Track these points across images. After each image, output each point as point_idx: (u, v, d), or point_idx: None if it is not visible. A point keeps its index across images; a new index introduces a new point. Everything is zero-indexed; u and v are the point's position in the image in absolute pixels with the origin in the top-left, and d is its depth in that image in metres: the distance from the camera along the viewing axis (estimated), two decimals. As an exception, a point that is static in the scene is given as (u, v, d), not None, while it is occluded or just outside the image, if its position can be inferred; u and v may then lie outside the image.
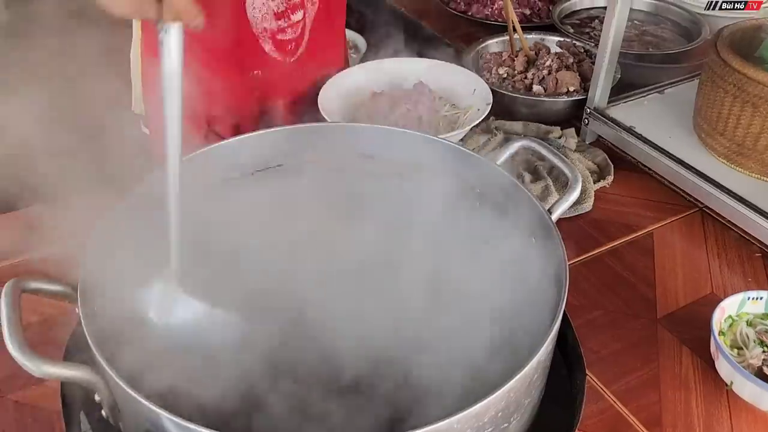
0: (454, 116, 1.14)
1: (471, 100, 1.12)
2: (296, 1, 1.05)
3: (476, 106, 1.10)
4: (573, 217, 0.98)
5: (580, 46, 1.29)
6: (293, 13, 1.06)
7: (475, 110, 1.10)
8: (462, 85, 1.15)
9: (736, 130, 0.94)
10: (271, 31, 1.05)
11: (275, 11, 1.04)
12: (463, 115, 1.13)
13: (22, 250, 0.90)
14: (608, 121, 1.08)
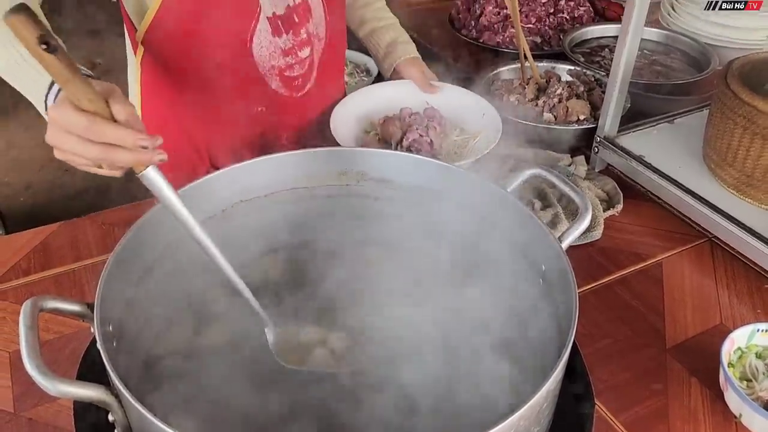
0: (464, 141, 1.15)
1: (480, 125, 1.13)
2: (304, 38, 1.05)
3: (486, 131, 1.11)
4: (582, 245, 0.99)
5: (590, 74, 1.30)
6: (300, 49, 1.06)
7: (485, 137, 1.11)
8: (471, 109, 1.16)
9: (746, 161, 0.95)
10: (279, 68, 1.05)
11: (283, 48, 1.04)
12: (473, 140, 1.14)
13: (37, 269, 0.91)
14: (618, 149, 1.09)
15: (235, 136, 1.11)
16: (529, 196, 1.04)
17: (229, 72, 1.02)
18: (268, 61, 1.04)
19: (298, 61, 1.07)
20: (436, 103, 1.18)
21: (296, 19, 1.04)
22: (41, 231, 0.97)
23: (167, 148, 1.16)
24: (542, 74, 1.32)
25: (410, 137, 1.11)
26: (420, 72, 1.22)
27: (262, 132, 1.12)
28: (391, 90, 1.23)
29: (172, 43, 0.99)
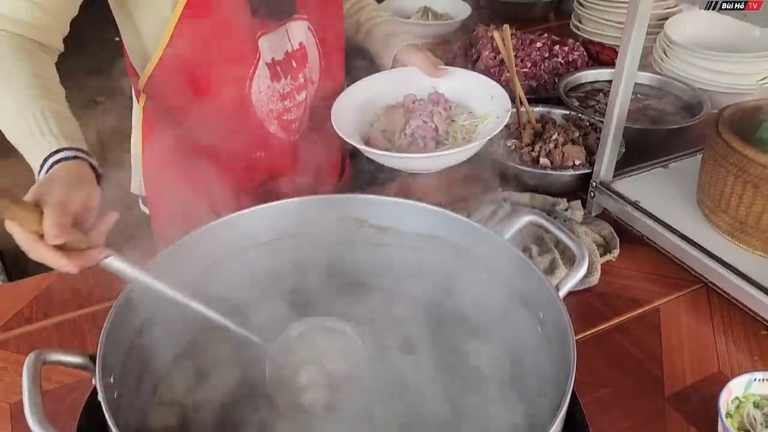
0: (472, 125, 1.12)
1: (488, 107, 1.09)
2: (301, 82, 1.08)
3: (495, 113, 1.06)
4: (580, 290, 0.99)
5: (585, 119, 1.33)
6: (298, 93, 1.09)
7: (494, 117, 1.06)
8: (478, 91, 1.12)
9: (739, 208, 0.96)
10: (277, 111, 1.07)
11: (281, 93, 1.07)
12: (482, 124, 1.10)
13: (39, 317, 0.92)
14: (614, 195, 1.11)
15: (234, 181, 1.11)
16: (526, 241, 1.06)
17: (228, 118, 1.04)
18: (266, 105, 1.06)
19: (296, 105, 1.10)
20: (442, 87, 1.14)
21: (294, 64, 1.07)
22: (44, 278, 0.98)
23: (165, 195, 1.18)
24: (538, 118, 1.35)
25: (414, 124, 1.08)
26: (423, 56, 1.17)
27: (260, 177, 1.14)
28: (394, 77, 1.17)
29: (173, 91, 1.02)
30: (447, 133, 1.07)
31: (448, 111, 1.09)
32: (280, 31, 1.03)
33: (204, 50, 0.97)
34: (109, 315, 0.68)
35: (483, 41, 1.68)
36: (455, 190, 1.16)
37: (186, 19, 0.93)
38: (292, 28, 1.04)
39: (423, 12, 2.01)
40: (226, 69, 1.00)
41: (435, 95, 1.12)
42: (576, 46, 1.71)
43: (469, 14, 1.97)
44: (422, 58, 1.17)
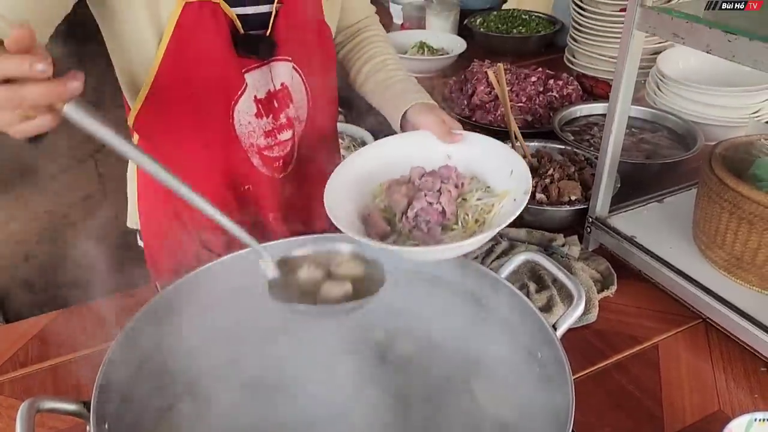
0: (487, 205, 0.91)
1: (507, 183, 0.90)
2: (283, 122, 1.08)
3: (513, 193, 0.88)
4: (578, 327, 0.99)
5: (580, 154, 1.34)
6: (280, 132, 1.09)
7: (512, 200, 0.87)
8: (497, 162, 0.92)
9: (734, 244, 0.97)
10: (258, 146, 1.08)
11: (264, 130, 1.07)
12: (498, 204, 0.90)
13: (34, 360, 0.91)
14: (610, 230, 1.11)
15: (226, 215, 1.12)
16: (524, 278, 1.06)
17: (215, 149, 1.05)
18: (248, 138, 1.07)
19: (278, 143, 1.10)
20: (455, 156, 0.96)
21: (276, 104, 1.07)
22: (39, 320, 0.97)
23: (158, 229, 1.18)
24: (534, 153, 1.36)
25: (417, 206, 0.90)
26: (436, 117, 0.99)
27: (249, 212, 1.13)
28: (402, 142, 0.99)
29: (161, 124, 1.03)
30: (456, 215, 0.90)
31: (460, 189, 0.91)
32: (264, 69, 1.04)
33: (189, 83, 0.99)
34: (103, 361, 0.67)
35: (478, 76, 1.70)
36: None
37: (171, 53, 0.94)
38: (275, 68, 1.04)
39: (419, 47, 2.03)
40: (211, 99, 1.01)
41: (446, 169, 0.93)
42: (570, 80, 1.73)
43: (465, 49, 2.00)
44: (435, 120, 0.99)
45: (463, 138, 0.96)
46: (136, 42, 0.96)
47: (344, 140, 1.98)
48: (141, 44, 0.96)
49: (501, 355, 0.84)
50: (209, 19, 0.94)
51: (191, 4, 0.92)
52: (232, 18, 0.97)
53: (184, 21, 0.92)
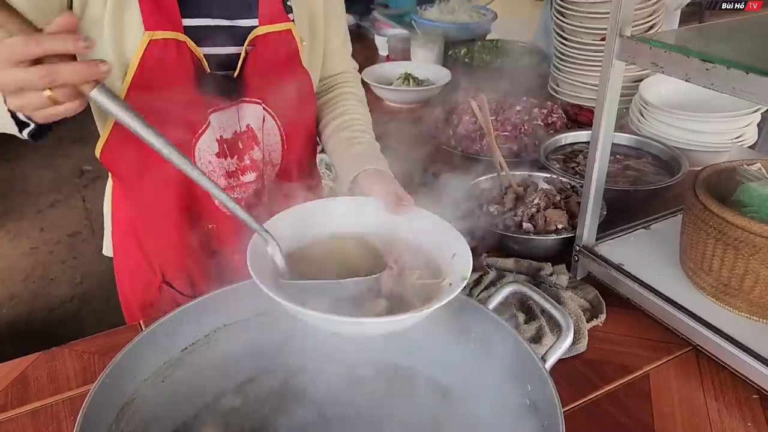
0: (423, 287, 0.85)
1: (448, 267, 0.84)
2: (247, 164, 1.07)
3: (449, 278, 0.82)
4: (568, 358, 0.98)
5: (566, 182, 1.34)
6: (243, 174, 1.08)
7: (447, 284, 0.82)
8: (442, 241, 0.87)
9: (721, 270, 0.96)
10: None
11: (226, 170, 1.06)
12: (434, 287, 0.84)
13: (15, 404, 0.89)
14: (597, 258, 1.11)
15: (186, 253, 1.12)
16: (512, 308, 1.05)
17: (176, 185, 1.04)
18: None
19: (240, 185, 1.09)
20: (401, 228, 0.90)
21: (241, 145, 1.07)
22: (20, 363, 0.95)
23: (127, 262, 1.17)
24: (520, 182, 1.36)
25: None
26: (388, 187, 0.95)
27: (214, 249, 1.12)
28: (348, 207, 0.93)
29: (125, 158, 1.03)
30: (391, 293, 0.84)
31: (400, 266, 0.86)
32: (232, 110, 1.03)
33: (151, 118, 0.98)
34: (83, 405, 0.65)
35: (463, 107, 1.71)
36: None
37: (134, 88, 0.94)
38: (243, 109, 1.04)
39: (404, 78, 2.05)
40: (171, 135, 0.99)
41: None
42: (554, 108, 1.74)
43: (449, 80, 2.02)
44: (386, 190, 0.94)
45: (411, 212, 0.91)
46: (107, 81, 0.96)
47: (332, 172, 1.98)
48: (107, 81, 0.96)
49: (490, 387, 0.83)
50: (174, 56, 0.94)
51: (156, 41, 0.93)
52: (199, 57, 0.97)
53: (149, 57, 0.93)
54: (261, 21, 1.02)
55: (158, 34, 0.92)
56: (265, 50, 1.02)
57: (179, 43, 0.94)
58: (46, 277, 2.91)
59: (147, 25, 0.92)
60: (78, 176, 3.78)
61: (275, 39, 1.03)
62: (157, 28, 0.92)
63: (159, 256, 1.13)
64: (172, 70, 0.95)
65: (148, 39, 0.92)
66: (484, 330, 0.84)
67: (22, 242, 3.17)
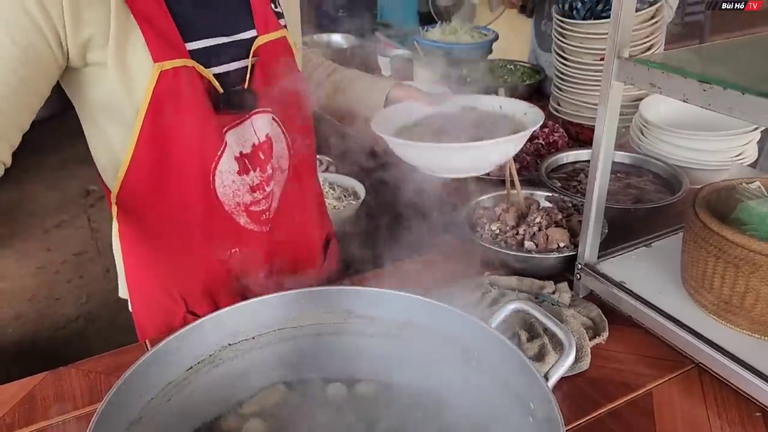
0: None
1: (525, 119, 1.16)
2: (269, 174, 1.09)
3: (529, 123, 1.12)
4: (571, 376, 0.98)
5: (567, 201, 1.35)
6: (267, 184, 1.10)
7: (522, 114, 1.15)
8: (513, 107, 1.20)
9: (722, 288, 0.97)
10: (245, 204, 1.08)
11: (250, 185, 1.07)
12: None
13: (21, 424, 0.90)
14: (599, 276, 1.12)
15: (209, 280, 1.12)
16: (514, 326, 1.05)
17: (197, 215, 1.05)
18: (232, 198, 1.06)
19: (265, 196, 1.10)
20: (480, 104, 1.22)
21: (262, 156, 1.08)
22: (27, 382, 0.96)
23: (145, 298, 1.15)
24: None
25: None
26: (417, 91, 1.22)
27: (237, 273, 1.13)
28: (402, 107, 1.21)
29: (143, 197, 1.03)
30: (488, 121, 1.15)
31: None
32: (246, 124, 1.04)
33: (168, 151, 0.98)
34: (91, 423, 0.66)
35: (465, 126, 1.73)
36: (441, 275, 1.17)
37: (150, 121, 0.94)
38: (256, 121, 1.05)
39: (407, 98, 2.07)
40: (190, 166, 1.01)
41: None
42: (556, 127, 1.76)
43: (452, 99, 2.03)
44: (417, 93, 1.21)
45: (446, 96, 1.22)
46: (112, 117, 0.97)
47: (335, 191, 2.00)
48: (118, 119, 0.96)
49: (493, 405, 0.84)
50: (185, 83, 0.94)
51: (167, 72, 0.92)
52: (209, 78, 0.98)
53: (161, 88, 0.92)
54: (259, 31, 1.04)
55: (167, 64, 0.92)
56: (268, 59, 1.04)
57: (188, 69, 0.94)
58: (51, 297, 2.93)
59: (155, 56, 0.91)
60: (84, 196, 3.81)
61: (274, 47, 1.05)
62: (165, 58, 0.92)
63: (181, 286, 1.12)
64: (186, 98, 0.95)
65: (159, 70, 0.91)
66: (486, 348, 0.85)
67: (28, 262, 3.19)
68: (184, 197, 1.03)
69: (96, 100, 0.96)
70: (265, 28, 1.05)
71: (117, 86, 0.92)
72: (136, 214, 1.06)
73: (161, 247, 1.09)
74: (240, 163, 1.04)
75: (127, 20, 0.90)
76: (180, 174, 1.00)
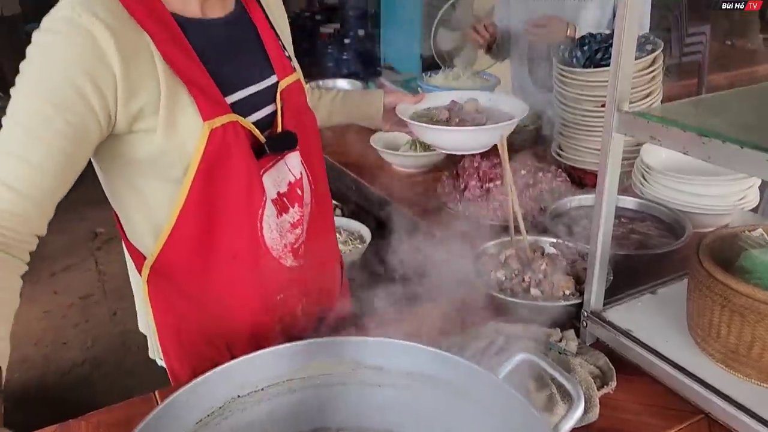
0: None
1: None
2: (307, 209, 1.15)
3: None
4: (580, 427, 0.98)
5: (572, 247, 1.37)
6: (304, 218, 1.15)
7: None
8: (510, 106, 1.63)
9: (729, 337, 0.97)
10: (290, 243, 1.12)
11: (291, 222, 1.12)
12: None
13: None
14: (605, 324, 1.12)
15: (254, 324, 1.14)
16: (522, 376, 1.05)
17: (245, 265, 1.07)
18: (280, 242, 1.11)
19: (303, 230, 1.16)
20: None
21: (299, 191, 1.13)
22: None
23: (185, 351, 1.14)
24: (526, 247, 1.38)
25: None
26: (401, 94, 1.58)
27: (280, 316, 1.16)
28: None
29: (188, 252, 1.05)
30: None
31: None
32: (279, 165, 1.08)
33: (218, 204, 1.01)
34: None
35: (469, 171, 1.76)
36: (447, 323, 1.18)
37: (200, 178, 0.97)
38: (290, 160, 1.10)
39: (411, 144, 2.11)
40: (239, 216, 1.04)
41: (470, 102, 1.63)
42: (559, 172, 1.78)
43: (455, 144, 2.07)
44: (403, 95, 1.57)
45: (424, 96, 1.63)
46: (155, 177, 1.00)
47: (341, 235, 2.02)
48: (162, 178, 0.99)
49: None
50: (232, 137, 0.99)
51: (216, 129, 0.96)
52: (250, 128, 1.02)
53: (212, 145, 0.96)
54: (279, 76, 1.11)
55: (216, 121, 0.96)
56: (290, 101, 1.12)
57: (233, 123, 0.99)
58: (58, 341, 2.93)
59: (204, 115, 0.95)
60: (92, 239, 3.84)
61: (293, 89, 1.14)
62: (213, 115, 0.96)
63: (226, 335, 1.12)
64: (233, 151, 0.99)
65: (209, 128, 0.95)
66: (494, 399, 0.85)
67: (35, 306, 3.20)
68: (234, 249, 1.05)
69: (137, 163, 0.99)
70: (284, 73, 1.12)
71: (165, 148, 0.95)
72: (177, 272, 1.07)
73: (204, 302, 1.09)
74: (278, 204, 1.09)
75: (175, 84, 0.94)
76: (229, 226, 1.03)
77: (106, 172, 1.04)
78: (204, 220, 1.01)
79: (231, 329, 1.12)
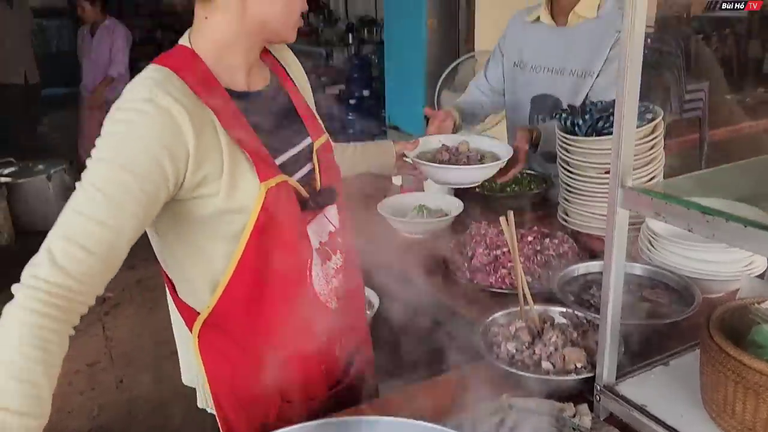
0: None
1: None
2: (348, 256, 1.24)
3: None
4: None
5: (582, 317, 1.36)
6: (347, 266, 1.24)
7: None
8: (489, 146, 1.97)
9: (744, 414, 0.96)
10: (336, 289, 1.20)
11: (335, 268, 1.20)
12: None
13: None
14: (619, 398, 1.11)
15: (303, 368, 1.19)
16: (536, 453, 1.04)
17: (297, 313, 1.14)
18: (326, 287, 1.19)
19: (345, 275, 1.25)
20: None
21: (340, 239, 1.23)
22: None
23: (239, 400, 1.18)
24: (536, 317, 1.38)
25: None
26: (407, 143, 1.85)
27: (324, 358, 1.22)
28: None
29: (243, 304, 1.11)
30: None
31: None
32: (319, 217, 1.19)
33: (272, 257, 1.09)
34: None
35: (476, 239, 1.77)
36: (459, 398, 1.17)
37: (256, 234, 1.06)
38: (329, 212, 1.21)
39: (419, 209, 2.13)
40: (291, 268, 1.12)
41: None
42: (565, 238, 1.79)
43: (462, 209, 2.09)
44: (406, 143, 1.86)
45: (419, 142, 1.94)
46: (215, 235, 1.08)
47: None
48: (221, 236, 1.08)
49: None
50: (284, 195, 1.09)
51: (271, 189, 1.06)
52: (295, 186, 1.13)
53: (268, 204, 1.05)
54: (313, 137, 1.23)
55: (271, 182, 1.07)
56: (325, 158, 1.23)
57: (284, 182, 1.09)
58: (63, 410, 2.89)
59: (261, 177, 1.06)
60: (99, 303, 3.83)
61: (325, 147, 1.25)
62: (269, 176, 1.07)
63: (278, 381, 1.17)
64: (285, 208, 1.09)
65: (265, 189, 1.05)
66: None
67: (40, 373, 3.17)
68: (286, 299, 1.12)
69: (198, 223, 1.07)
70: (317, 134, 1.24)
71: (226, 208, 1.04)
72: (232, 323, 1.13)
73: (258, 351, 1.14)
74: (321, 253, 1.17)
75: (235, 152, 1.05)
76: (282, 278, 1.10)
77: (164, 235, 1.12)
78: (259, 272, 1.09)
79: (283, 375, 1.18)
